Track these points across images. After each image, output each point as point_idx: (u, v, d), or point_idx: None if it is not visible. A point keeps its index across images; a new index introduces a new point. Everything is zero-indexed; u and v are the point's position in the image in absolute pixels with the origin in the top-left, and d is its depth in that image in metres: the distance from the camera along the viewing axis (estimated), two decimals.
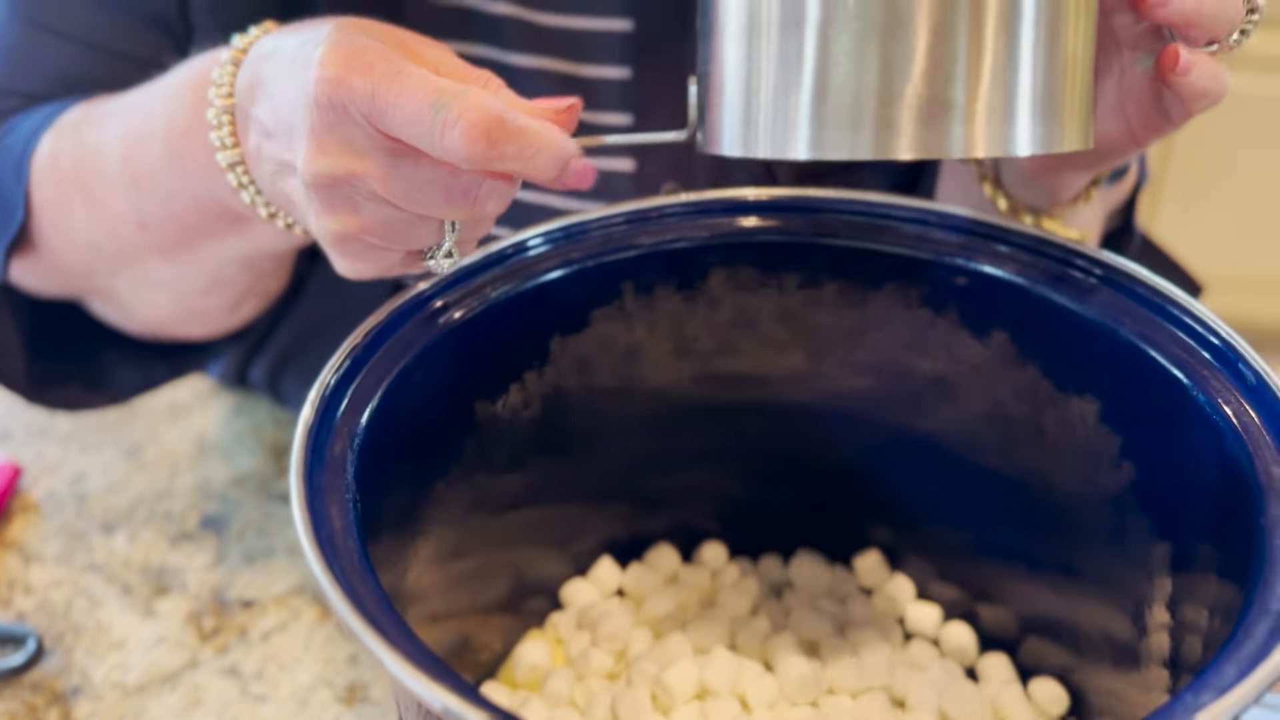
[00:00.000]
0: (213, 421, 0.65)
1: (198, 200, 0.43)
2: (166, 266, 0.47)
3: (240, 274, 0.48)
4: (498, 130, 0.30)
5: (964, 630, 0.45)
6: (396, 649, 0.25)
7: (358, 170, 0.32)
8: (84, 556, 0.56)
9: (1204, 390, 0.34)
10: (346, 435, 0.32)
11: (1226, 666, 0.26)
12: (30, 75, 0.53)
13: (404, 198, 0.33)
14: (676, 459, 0.48)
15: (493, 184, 0.33)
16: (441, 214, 0.33)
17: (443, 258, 0.35)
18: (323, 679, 0.50)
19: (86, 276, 0.51)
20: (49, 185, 0.48)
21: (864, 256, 0.42)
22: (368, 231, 0.34)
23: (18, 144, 0.50)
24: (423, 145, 0.31)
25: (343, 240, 0.34)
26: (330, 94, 0.32)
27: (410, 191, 0.32)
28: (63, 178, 0.48)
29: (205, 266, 0.47)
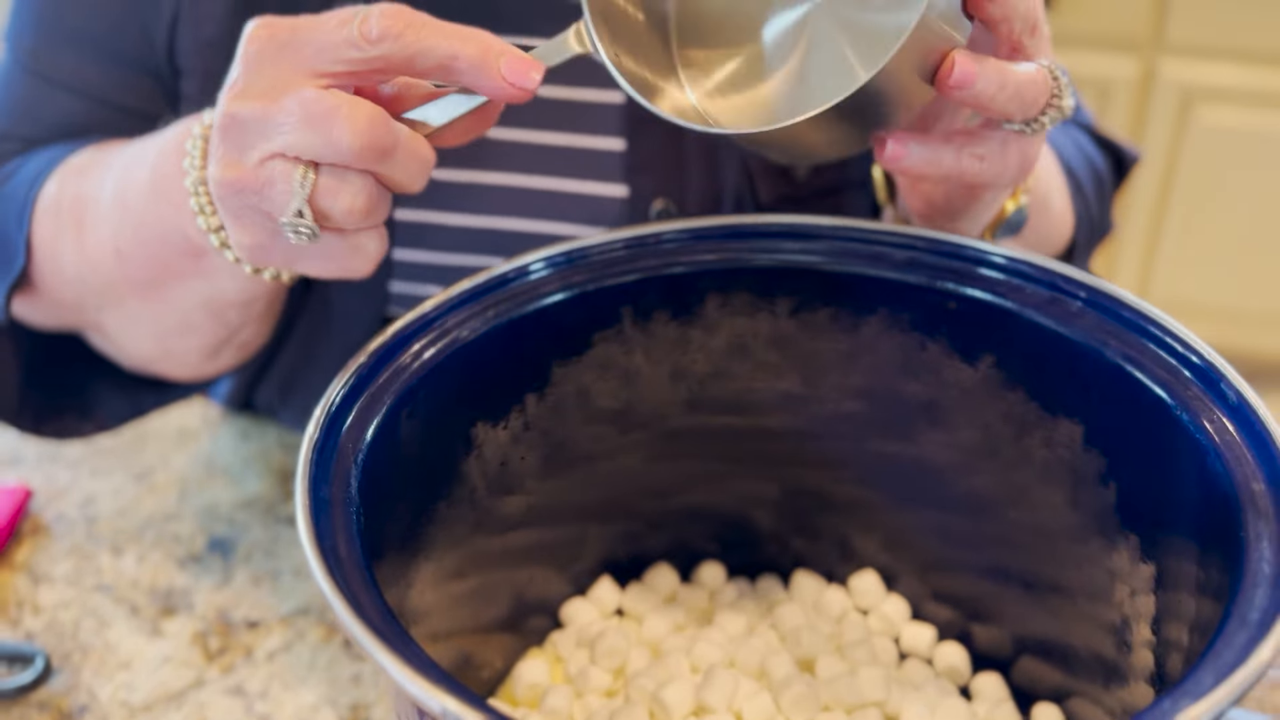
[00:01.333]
0: (221, 446, 0.66)
1: (165, 229, 0.45)
2: (142, 305, 0.49)
3: (207, 321, 0.50)
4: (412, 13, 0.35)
5: (958, 650, 0.46)
6: (397, 654, 0.26)
7: (265, 111, 0.36)
8: (93, 578, 0.57)
9: (1187, 410, 0.35)
10: (351, 452, 0.33)
11: (1204, 674, 0.27)
12: (32, 122, 0.57)
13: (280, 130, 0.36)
14: (675, 481, 0.49)
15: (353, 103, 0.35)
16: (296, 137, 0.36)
17: (294, 216, 0.36)
18: (326, 698, 0.51)
19: (78, 310, 0.53)
20: (49, 224, 0.51)
21: (857, 282, 0.43)
22: (246, 183, 0.37)
23: (21, 188, 0.52)
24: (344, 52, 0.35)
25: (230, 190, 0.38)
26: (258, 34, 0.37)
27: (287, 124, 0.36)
28: (62, 216, 0.50)
29: (175, 308, 0.49)
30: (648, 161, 0.54)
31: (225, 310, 0.49)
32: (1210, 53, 1.65)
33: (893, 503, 0.47)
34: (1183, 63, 1.67)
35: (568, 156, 0.55)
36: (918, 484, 0.46)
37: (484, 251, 0.56)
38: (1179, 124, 1.70)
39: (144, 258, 0.47)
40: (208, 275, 0.46)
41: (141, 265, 0.47)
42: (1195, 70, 1.67)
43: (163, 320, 0.50)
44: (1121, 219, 1.79)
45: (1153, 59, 1.68)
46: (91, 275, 0.49)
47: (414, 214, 0.57)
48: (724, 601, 0.48)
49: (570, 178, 0.55)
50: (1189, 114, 1.69)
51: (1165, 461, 0.36)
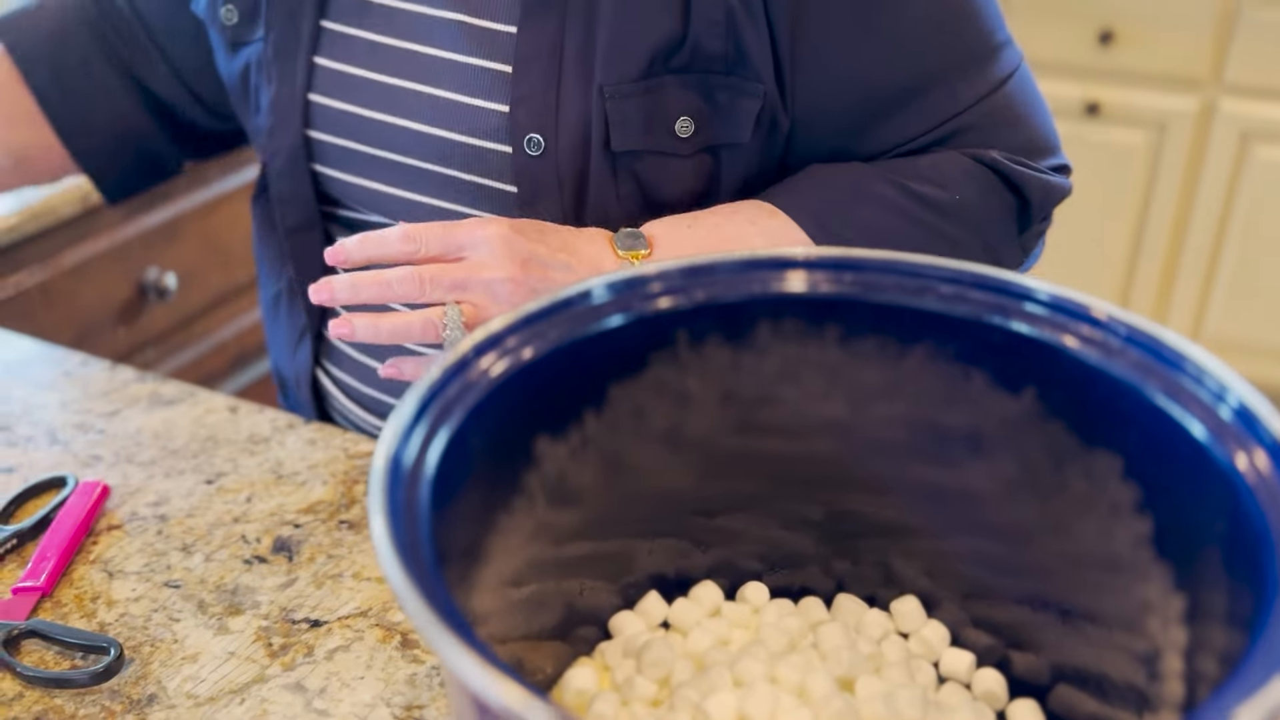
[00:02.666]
0: (289, 453, 0.69)
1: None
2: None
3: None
4: None
5: (996, 676, 0.47)
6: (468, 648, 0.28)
7: None
8: (163, 574, 0.60)
9: (1224, 448, 0.36)
10: (422, 460, 0.35)
11: (1225, 701, 0.28)
12: None
13: None
14: (723, 501, 0.50)
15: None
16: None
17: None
18: (382, 697, 0.53)
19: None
20: None
21: (903, 314, 0.44)
22: None
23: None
24: None
25: None
26: None
27: None
28: None
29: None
30: (528, 95, 0.64)
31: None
32: (1269, 93, 1.65)
33: (934, 529, 0.48)
34: (1241, 101, 1.66)
35: (464, 72, 0.65)
36: (959, 512, 0.47)
37: (396, 151, 0.68)
38: (1237, 162, 1.69)
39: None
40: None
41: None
42: (1253, 109, 1.66)
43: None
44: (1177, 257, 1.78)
45: (1212, 97, 1.68)
46: None
47: (342, 105, 0.69)
48: (767, 619, 0.49)
49: (466, 93, 0.65)
50: (1247, 152, 1.69)
51: (1200, 497, 0.37)
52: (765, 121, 0.65)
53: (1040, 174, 0.68)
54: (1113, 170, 1.74)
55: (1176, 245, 1.76)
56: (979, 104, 0.66)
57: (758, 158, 0.67)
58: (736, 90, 0.64)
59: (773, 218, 0.65)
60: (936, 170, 0.66)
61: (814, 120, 0.66)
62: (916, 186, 0.66)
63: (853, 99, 0.66)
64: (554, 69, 0.63)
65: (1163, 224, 1.75)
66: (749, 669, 0.45)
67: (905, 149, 0.68)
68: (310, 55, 0.69)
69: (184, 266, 1.27)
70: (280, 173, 0.71)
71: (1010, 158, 0.67)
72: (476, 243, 0.59)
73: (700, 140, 0.64)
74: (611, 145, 0.64)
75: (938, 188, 0.66)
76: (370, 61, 0.67)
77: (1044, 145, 0.69)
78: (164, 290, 1.23)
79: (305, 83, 0.69)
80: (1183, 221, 1.75)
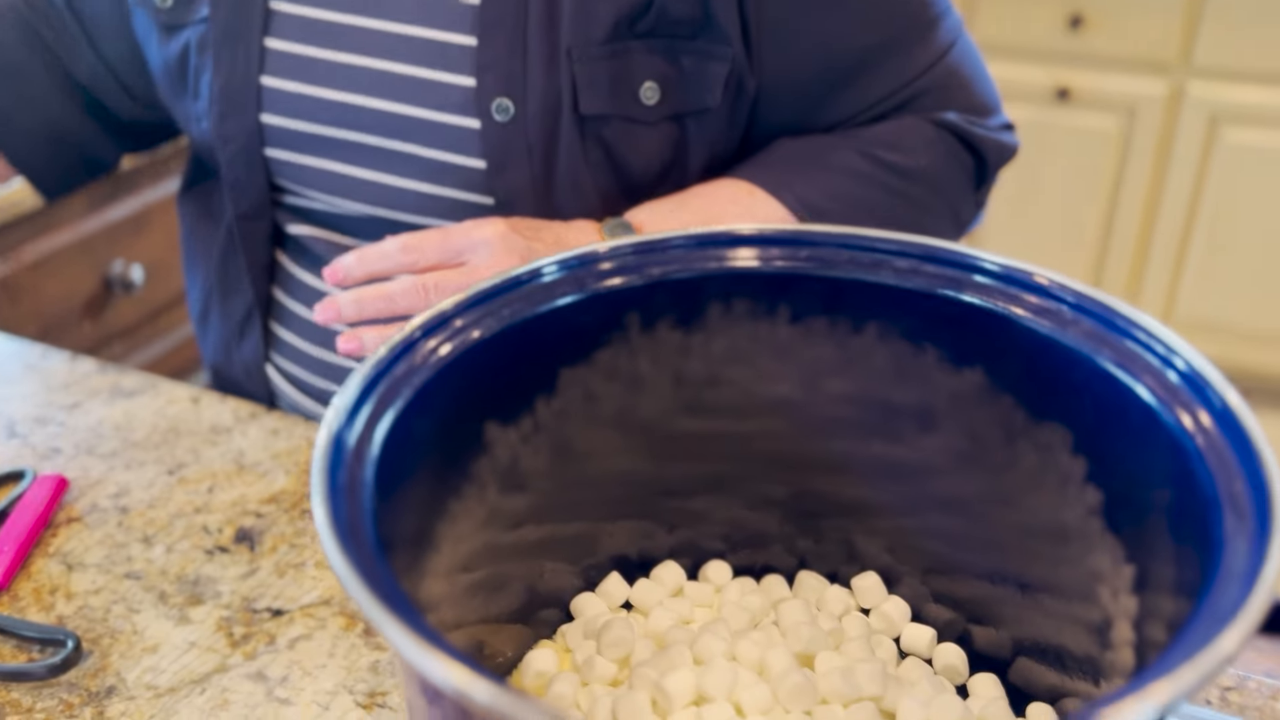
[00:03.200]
0: (251, 443, 0.68)
1: None
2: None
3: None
4: None
5: (956, 650, 0.47)
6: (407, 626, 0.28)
7: None
8: (123, 566, 0.59)
9: (1173, 415, 0.36)
10: (367, 440, 0.35)
11: (1170, 661, 0.28)
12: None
13: None
14: (684, 482, 0.50)
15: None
16: None
17: None
18: (344, 685, 0.52)
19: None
20: None
21: (858, 289, 0.44)
22: None
23: None
24: None
25: None
26: None
27: None
28: None
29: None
30: (493, 61, 0.63)
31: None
32: (1237, 75, 1.65)
33: (894, 506, 0.48)
34: (1210, 85, 1.67)
35: (425, 46, 0.64)
36: (916, 488, 0.47)
37: (355, 129, 0.67)
38: (1206, 145, 1.70)
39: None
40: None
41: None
42: (1222, 92, 1.67)
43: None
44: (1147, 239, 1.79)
45: (1181, 81, 1.68)
46: None
47: (297, 86, 0.67)
48: (729, 598, 0.49)
49: (428, 67, 0.65)
50: (1216, 135, 1.69)
51: (1149, 465, 0.37)
52: (733, 85, 0.65)
53: (994, 134, 0.70)
54: (1083, 155, 1.74)
55: (1148, 229, 1.77)
56: (932, 68, 0.68)
57: (725, 125, 0.67)
58: (704, 54, 0.64)
59: (752, 195, 0.65)
60: (900, 137, 0.67)
61: (778, 89, 0.66)
62: (884, 155, 0.67)
63: (816, 66, 0.66)
64: (519, 34, 0.63)
65: (1134, 208, 1.76)
66: (709, 647, 0.45)
67: (865, 117, 0.68)
68: (261, 37, 0.67)
69: (150, 259, 1.26)
70: (233, 160, 0.70)
71: (966, 119, 0.69)
72: (475, 245, 0.59)
73: (667, 107, 0.64)
74: (580, 108, 0.63)
75: (903, 154, 0.67)
76: (325, 40, 0.66)
77: (991, 105, 0.71)
78: (130, 283, 1.22)
79: (258, 66, 0.68)
80: (1153, 205, 1.76)
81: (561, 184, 0.65)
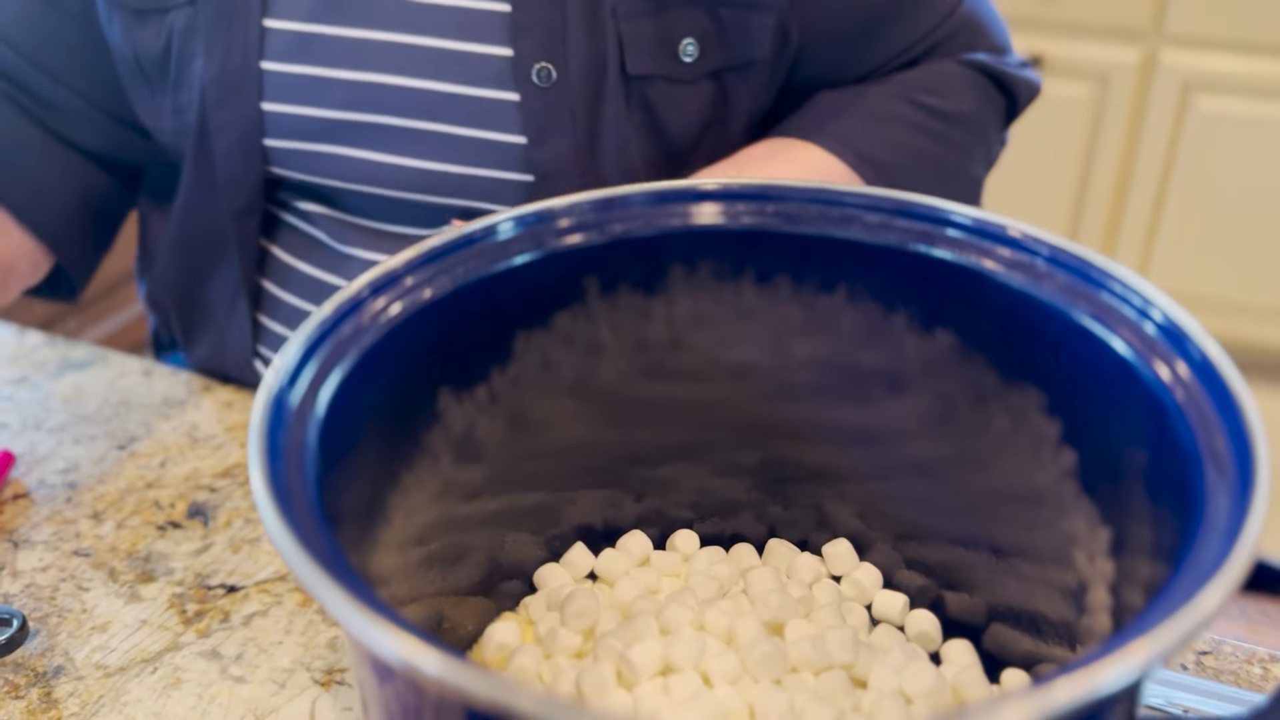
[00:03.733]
0: (205, 416, 0.66)
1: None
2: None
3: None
4: None
5: (929, 617, 0.46)
6: (339, 585, 0.26)
7: None
8: (72, 543, 0.57)
9: (1151, 369, 0.35)
10: (310, 402, 0.33)
11: (1154, 617, 0.27)
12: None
13: None
14: (650, 450, 0.48)
15: None
16: None
17: None
18: (301, 662, 0.51)
19: None
20: None
21: (827, 245, 0.42)
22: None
23: None
24: None
25: None
26: None
27: None
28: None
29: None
30: (531, 24, 0.58)
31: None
32: (1209, 43, 1.65)
33: (865, 472, 0.47)
34: (1182, 52, 1.66)
35: (453, 16, 0.60)
36: (888, 454, 0.45)
37: (373, 111, 0.61)
38: (1179, 113, 1.69)
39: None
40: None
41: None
42: (1194, 59, 1.66)
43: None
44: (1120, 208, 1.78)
45: (1153, 48, 1.68)
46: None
47: (301, 68, 0.61)
48: (697, 567, 0.48)
49: (457, 39, 0.60)
50: (1188, 103, 1.69)
51: (1126, 423, 0.36)
52: (778, 37, 0.63)
53: (1021, 72, 0.69)
54: (1056, 123, 1.74)
55: (1120, 198, 1.77)
56: (957, 9, 0.67)
57: (767, 79, 0.64)
58: (746, 5, 0.61)
59: (808, 151, 0.63)
60: (938, 81, 0.66)
61: (814, 40, 0.64)
62: (928, 100, 0.65)
63: (850, 13, 0.64)
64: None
65: (1106, 177, 1.75)
66: (676, 616, 0.43)
67: (896, 64, 0.67)
68: (260, 17, 0.61)
69: None
70: (228, 152, 0.63)
71: (995, 59, 0.68)
72: None
73: (705, 64, 0.61)
74: (627, 69, 0.60)
75: (945, 99, 0.66)
76: (332, 16, 0.60)
77: (1007, 45, 0.70)
78: None
79: (257, 49, 0.61)
80: (1126, 174, 1.75)
81: (606, 152, 0.61)
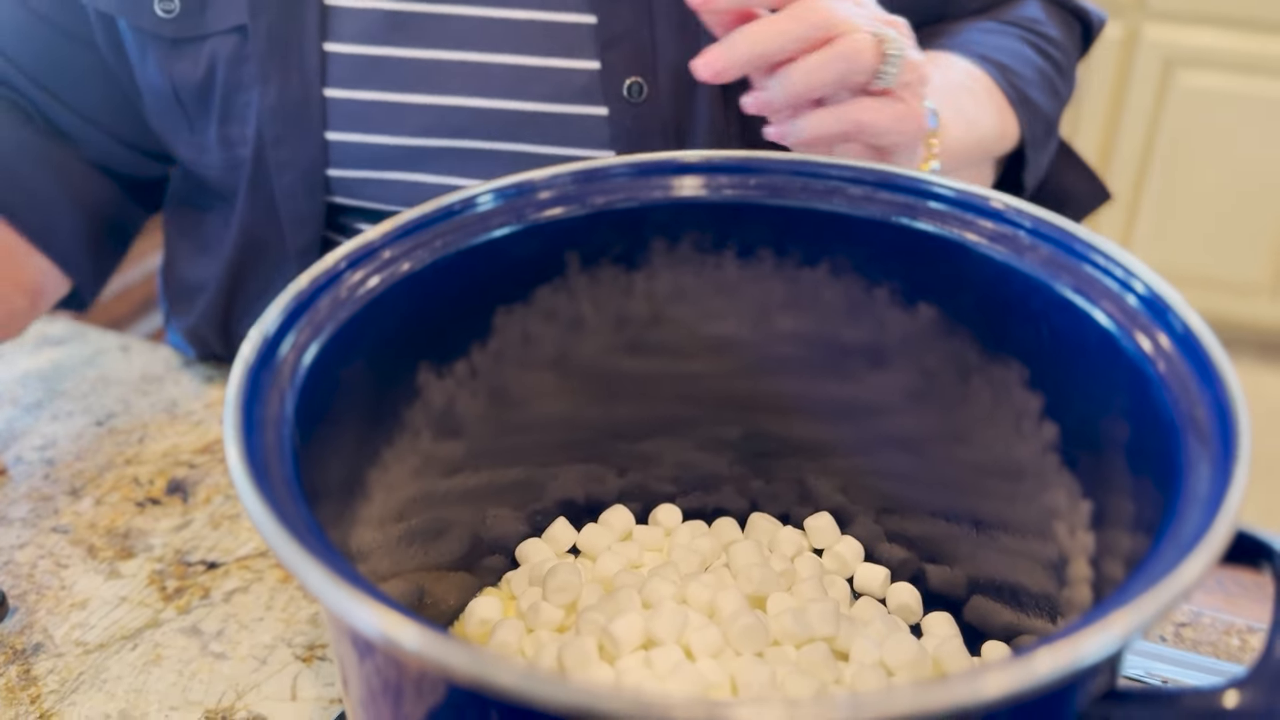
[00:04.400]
0: (185, 392, 0.65)
1: None
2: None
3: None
4: None
5: (910, 590, 0.46)
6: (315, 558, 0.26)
7: None
8: (50, 519, 0.57)
9: (1133, 340, 0.35)
10: (288, 375, 0.33)
11: (1135, 588, 0.27)
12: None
13: None
14: (633, 424, 0.48)
15: None
16: None
17: None
18: (282, 638, 0.51)
19: None
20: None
21: (810, 217, 0.42)
22: None
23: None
24: None
25: None
26: None
27: None
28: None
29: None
30: (619, 37, 0.55)
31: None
32: (1192, 18, 1.65)
33: (847, 446, 0.47)
34: (1165, 27, 1.66)
35: (533, 31, 0.56)
36: (869, 427, 0.45)
37: (449, 135, 0.58)
38: (1161, 88, 1.69)
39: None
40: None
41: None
42: (1177, 35, 1.66)
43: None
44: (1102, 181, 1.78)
45: (1136, 23, 1.67)
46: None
47: (369, 94, 0.57)
48: (679, 541, 0.48)
49: (539, 55, 0.56)
50: (1171, 78, 1.69)
51: (1108, 395, 0.36)
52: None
53: (1086, 3, 0.69)
54: None
55: (1103, 172, 1.77)
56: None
57: None
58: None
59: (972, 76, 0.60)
60: (1036, 21, 0.66)
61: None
62: (1037, 40, 0.65)
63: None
64: (643, 3, 0.55)
65: (1088, 152, 1.75)
66: (658, 590, 0.43)
67: (979, 4, 0.66)
68: (320, 41, 0.56)
69: None
70: (292, 191, 0.59)
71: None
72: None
73: None
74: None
75: (1046, 40, 0.65)
76: (400, 37, 0.57)
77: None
78: None
79: (319, 77, 0.57)
80: (1107, 150, 1.75)
81: None
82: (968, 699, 0.24)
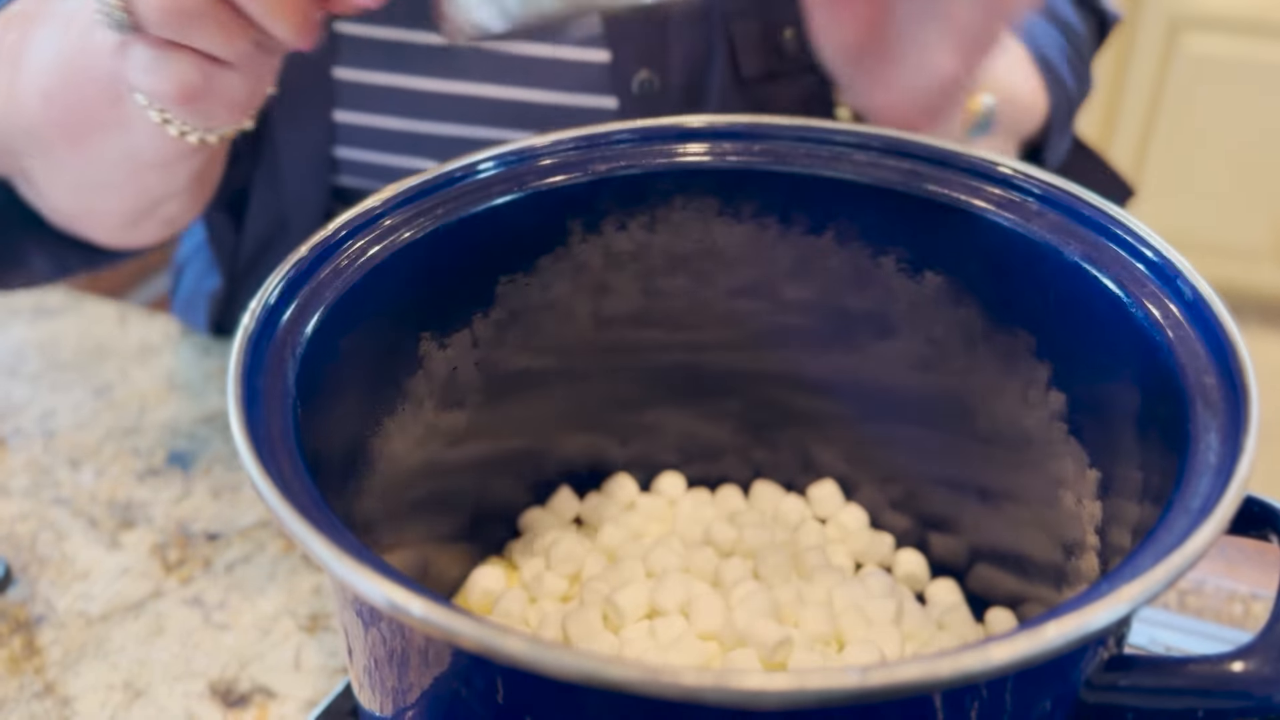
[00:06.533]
0: (183, 362, 0.65)
1: (88, 63, 0.44)
2: (66, 155, 0.48)
3: (127, 181, 0.48)
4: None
5: (915, 557, 0.46)
6: (321, 532, 0.25)
7: None
8: (51, 491, 0.56)
9: (1142, 307, 0.35)
10: (289, 345, 0.32)
11: (1144, 558, 0.26)
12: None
13: None
14: (635, 394, 0.48)
15: None
16: None
17: None
18: (286, 609, 0.50)
19: (8, 155, 0.51)
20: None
21: (816, 185, 0.42)
22: None
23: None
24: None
25: None
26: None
27: None
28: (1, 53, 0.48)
29: (95, 160, 0.47)
30: (629, 29, 0.54)
31: (144, 172, 0.47)
32: None
33: (851, 414, 0.47)
34: None
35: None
36: (874, 396, 0.45)
37: (454, 120, 0.57)
38: (1165, 52, 1.68)
39: (66, 100, 0.45)
40: (125, 126, 0.44)
41: (64, 108, 0.46)
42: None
43: (84, 174, 0.48)
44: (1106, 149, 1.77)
45: None
46: (17, 116, 0.48)
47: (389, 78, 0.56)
48: (683, 510, 0.48)
49: (550, 44, 0.55)
50: (1175, 42, 1.67)
51: (1118, 362, 0.35)
52: None
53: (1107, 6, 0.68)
54: None
55: (1106, 138, 1.76)
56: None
57: None
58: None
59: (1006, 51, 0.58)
60: (1058, 8, 0.64)
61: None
62: (1062, 28, 0.63)
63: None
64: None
65: (1091, 118, 1.74)
66: (662, 560, 0.43)
67: None
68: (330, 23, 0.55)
69: None
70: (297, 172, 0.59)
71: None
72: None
73: (807, 56, 0.56)
74: (742, 72, 0.56)
75: (1070, 29, 0.64)
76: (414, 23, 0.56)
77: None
78: None
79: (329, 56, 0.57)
80: (1112, 114, 1.74)
81: None
82: (977, 668, 0.24)
